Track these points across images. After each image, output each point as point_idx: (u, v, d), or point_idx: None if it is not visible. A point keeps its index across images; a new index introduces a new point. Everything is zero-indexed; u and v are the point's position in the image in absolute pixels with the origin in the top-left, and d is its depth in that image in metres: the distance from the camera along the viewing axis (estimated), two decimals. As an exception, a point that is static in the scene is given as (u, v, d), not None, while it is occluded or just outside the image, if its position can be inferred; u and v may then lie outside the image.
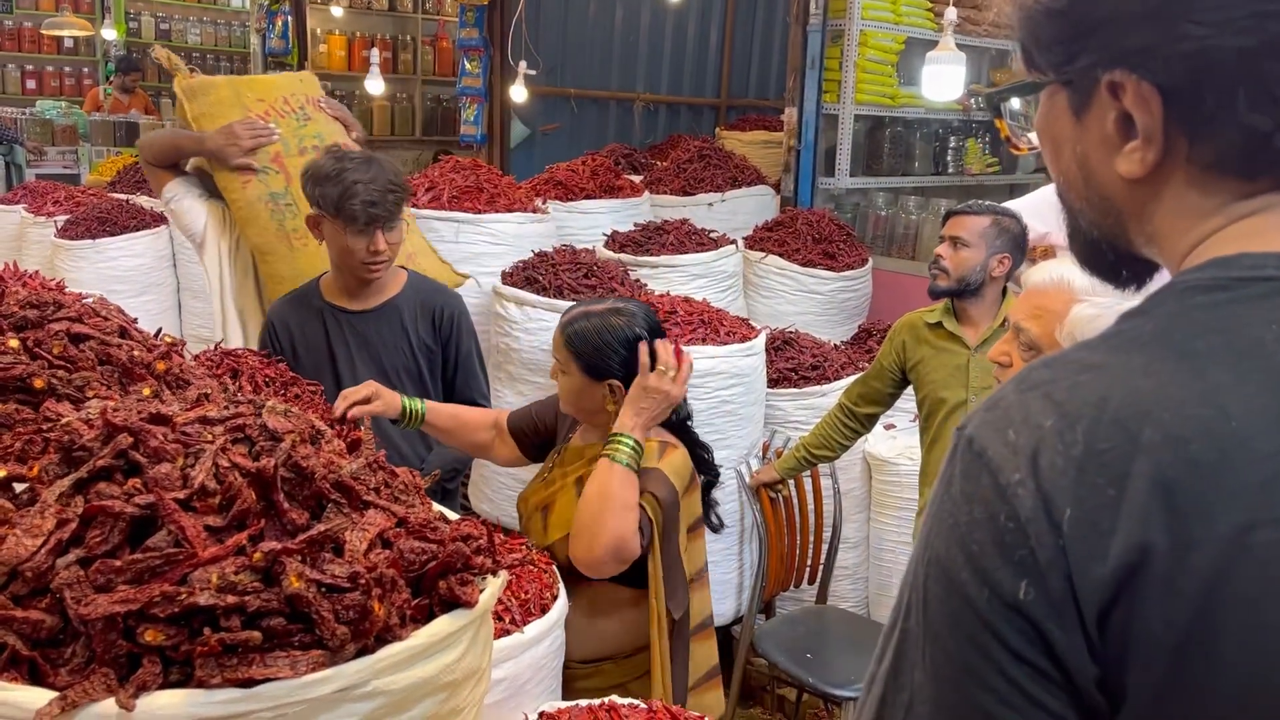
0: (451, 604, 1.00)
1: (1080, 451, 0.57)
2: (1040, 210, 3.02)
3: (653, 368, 1.91)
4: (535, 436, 2.24)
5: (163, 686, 0.83)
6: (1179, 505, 0.54)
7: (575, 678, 1.98)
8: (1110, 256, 0.73)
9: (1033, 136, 0.76)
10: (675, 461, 2.00)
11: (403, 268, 2.54)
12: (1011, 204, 3.01)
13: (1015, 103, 0.79)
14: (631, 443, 1.88)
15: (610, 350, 1.97)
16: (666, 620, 1.96)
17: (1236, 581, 0.53)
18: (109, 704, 0.80)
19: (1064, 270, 1.64)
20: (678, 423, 2.11)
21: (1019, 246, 2.67)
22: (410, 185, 2.38)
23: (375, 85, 6.90)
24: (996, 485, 0.59)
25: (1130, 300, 0.68)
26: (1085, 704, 0.57)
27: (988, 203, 2.76)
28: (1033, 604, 0.57)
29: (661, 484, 1.94)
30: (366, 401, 2.01)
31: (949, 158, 5.61)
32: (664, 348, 1.92)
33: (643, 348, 1.91)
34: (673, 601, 1.96)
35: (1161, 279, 0.68)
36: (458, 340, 2.52)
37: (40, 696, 0.80)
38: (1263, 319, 0.59)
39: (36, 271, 1.90)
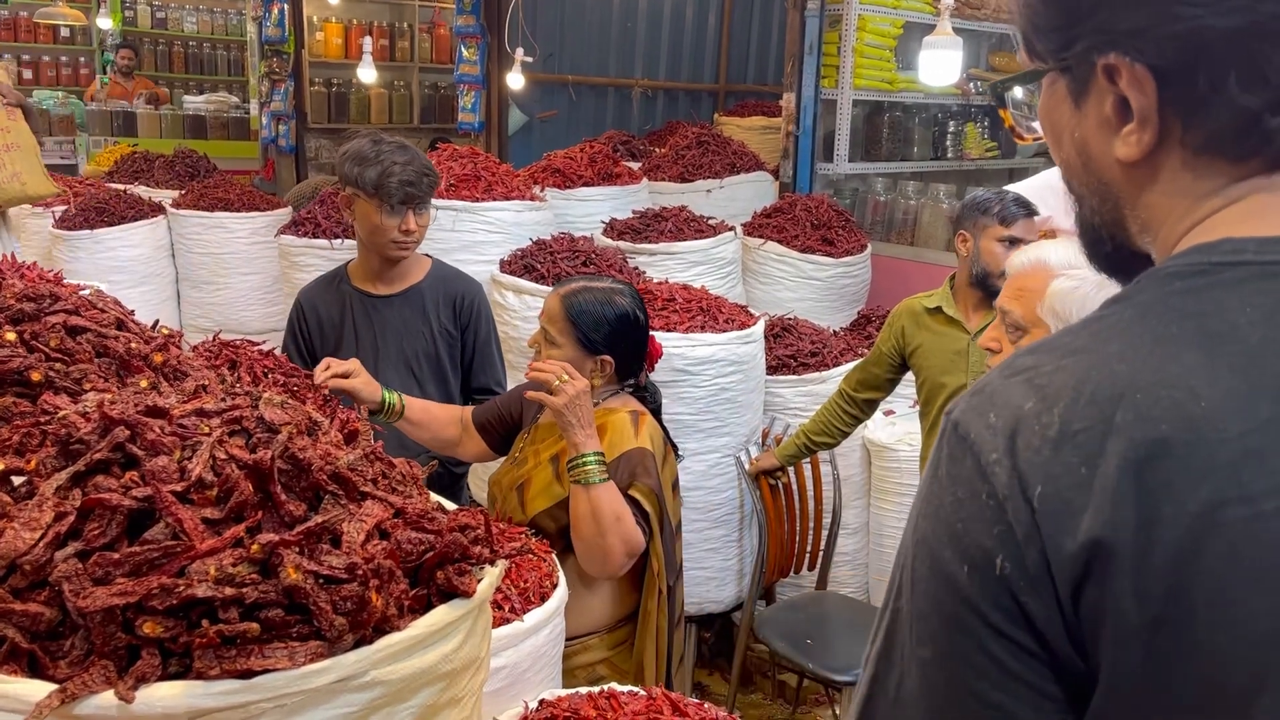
0: (450, 594, 1.00)
1: (1056, 432, 0.58)
2: (1041, 194, 3.01)
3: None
4: (501, 427, 2.27)
5: (162, 678, 0.83)
6: (1149, 484, 0.55)
7: (565, 657, 1.99)
8: (1108, 246, 0.74)
9: (1036, 125, 0.76)
10: (651, 431, 2.04)
11: (427, 255, 2.63)
12: (1013, 187, 3.00)
13: (1019, 92, 0.80)
14: (593, 457, 1.90)
15: (609, 325, 2.03)
16: (666, 593, 2.03)
17: (1206, 559, 0.54)
18: (108, 696, 0.81)
19: (1041, 251, 1.68)
20: (654, 408, 2.14)
21: None
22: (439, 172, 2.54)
23: (368, 73, 6.88)
24: (978, 465, 0.60)
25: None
26: (1069, 676, 0.58)
27: (1020, 197, 2.71)
28: (1010, 578, 0.58)
29: (648, 470, 1.97)
30: (346, 376, 2.04)
31: (948, 142, 5.60)
32: (542, 368, 1.95)
33: (535, 375, 1.94)
34: (670, 572, 2.03)
35: None
36: (476, 326, 2.58)
37: (40, 689, 0.81)
38: (1239, 303, 0.59)
39: (34, 263, 1.90)
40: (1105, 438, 0.57)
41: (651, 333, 2.15)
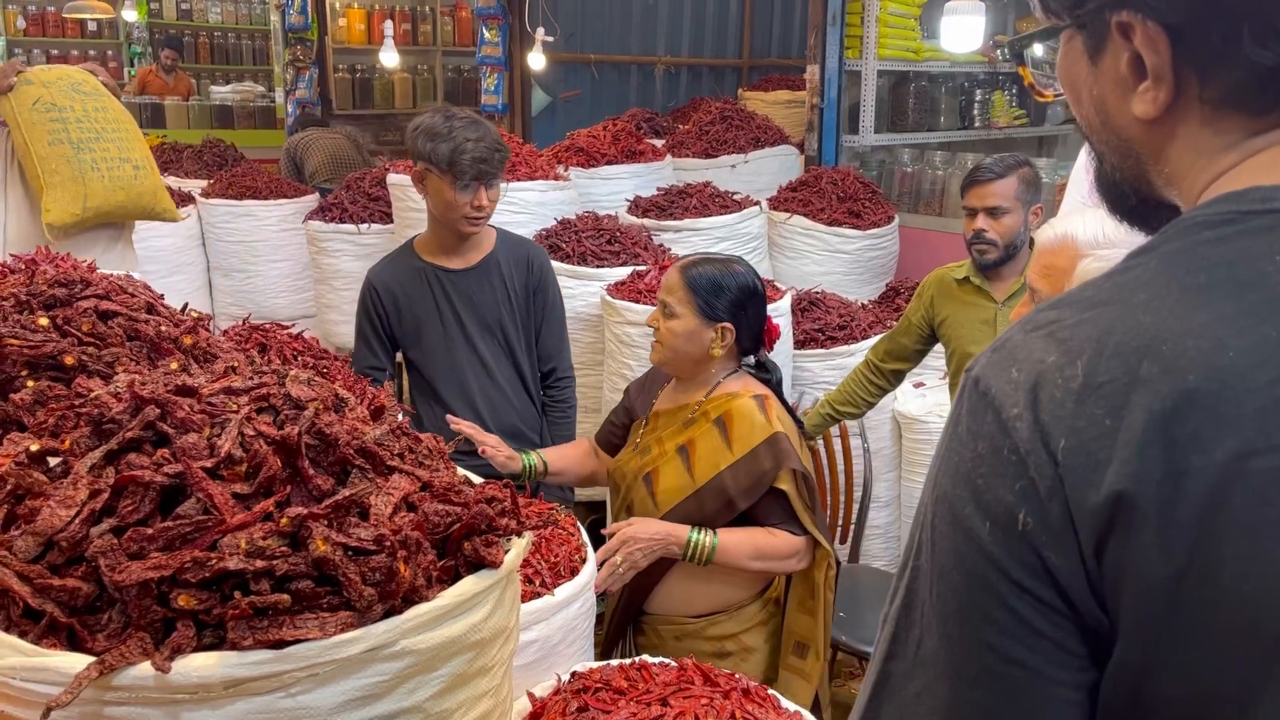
0: (477, 565, 1.01)
1: (1079, 385, 0.57)
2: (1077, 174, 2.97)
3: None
4: (623, 433, 2.28)
5: (197, 649, 0.85)
6: (1175, 436, 0.54)
7: (693, 633, 2.04)
8: (1133, 200, 0.73)
9: (1056, 82, 0.76)
10: (778, 412, 2.04)
11: (490, 225, 2.65)
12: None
13: (1038, 50, 0.79)
14: (693, 536, 1.94)
15: (728, 292, 2.03)
16: (834, 569, 2.08)
17: (1233, 510, 0.53)
18: (145, 667, 0.83)
19: (1068, 227, 1.64)
20: (774, 384, 2.14)
21: (1040, 189, 2.65)
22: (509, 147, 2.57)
23: (390, 57, 6.91)
24: (999, 420, 0.60)
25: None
26: (1091, 631, 0.58)
27: (1005, 159, 2.70)
28: (1033, 533, 0.57)
29: (788, 453, 1.97)
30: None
31: (975, 111, 5.53)
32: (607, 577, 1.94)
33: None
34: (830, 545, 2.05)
35: None
36: (545, 289, 2.64)
37: (79, 661, 0.83)
38: (1268, 251, 0.58)
39: (68, 254, 1.93)
40: (1130, 390, 0.56)
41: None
